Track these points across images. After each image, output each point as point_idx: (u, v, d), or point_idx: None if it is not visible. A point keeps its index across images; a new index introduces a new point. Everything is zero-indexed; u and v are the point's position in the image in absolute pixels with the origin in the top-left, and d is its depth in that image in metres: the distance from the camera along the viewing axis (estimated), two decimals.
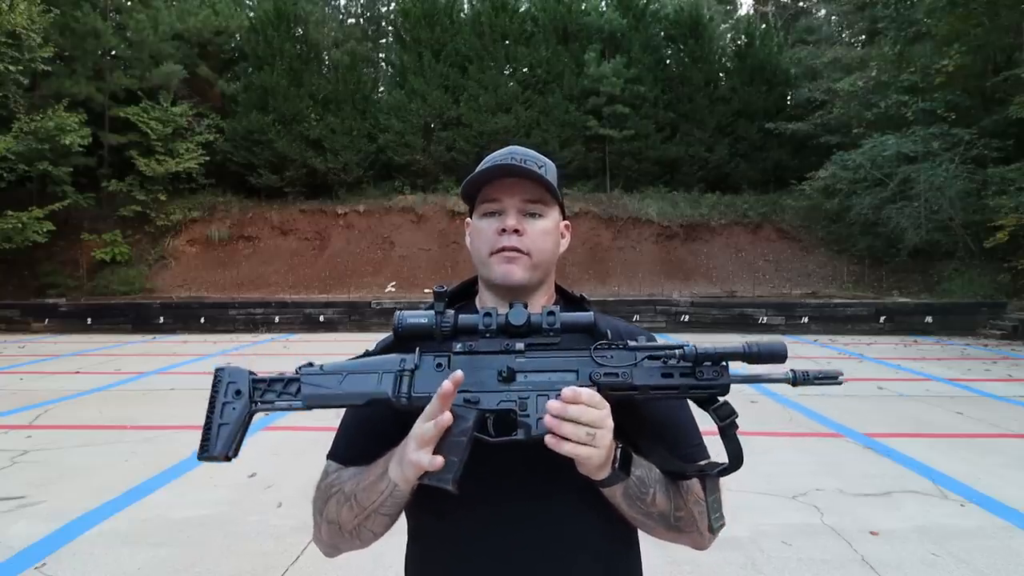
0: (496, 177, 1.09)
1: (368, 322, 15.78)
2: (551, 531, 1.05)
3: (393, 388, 0.96)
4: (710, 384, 0.93)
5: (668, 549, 1.13)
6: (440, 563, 1.10)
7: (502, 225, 1.09)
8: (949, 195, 15.57)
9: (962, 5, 15.74)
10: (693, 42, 22.10)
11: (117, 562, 3.57)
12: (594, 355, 0.95)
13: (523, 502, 1.05)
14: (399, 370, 0.97)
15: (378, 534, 1.07)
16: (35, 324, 15.90)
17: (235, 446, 0.97)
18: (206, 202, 20.63)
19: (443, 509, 1.06)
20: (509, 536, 1.05)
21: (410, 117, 20.96)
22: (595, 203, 20.69)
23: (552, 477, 1.02)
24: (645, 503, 1.01)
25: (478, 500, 1.04)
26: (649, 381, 0.94)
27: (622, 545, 1.14)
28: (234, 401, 0.98)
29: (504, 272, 1.08)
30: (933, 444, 5.80)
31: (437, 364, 0.96)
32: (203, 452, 0.97)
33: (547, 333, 0.96)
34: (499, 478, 1.03)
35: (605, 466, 0.94)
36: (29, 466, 5.23)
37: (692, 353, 0.93)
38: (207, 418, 0.98)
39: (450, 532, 1.08)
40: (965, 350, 12.25)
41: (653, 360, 0.95)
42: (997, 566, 3.49)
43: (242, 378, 0.99)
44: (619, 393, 0.93)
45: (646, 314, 15.43)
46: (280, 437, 5.86)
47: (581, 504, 1.05)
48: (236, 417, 0.97)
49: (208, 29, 21.29)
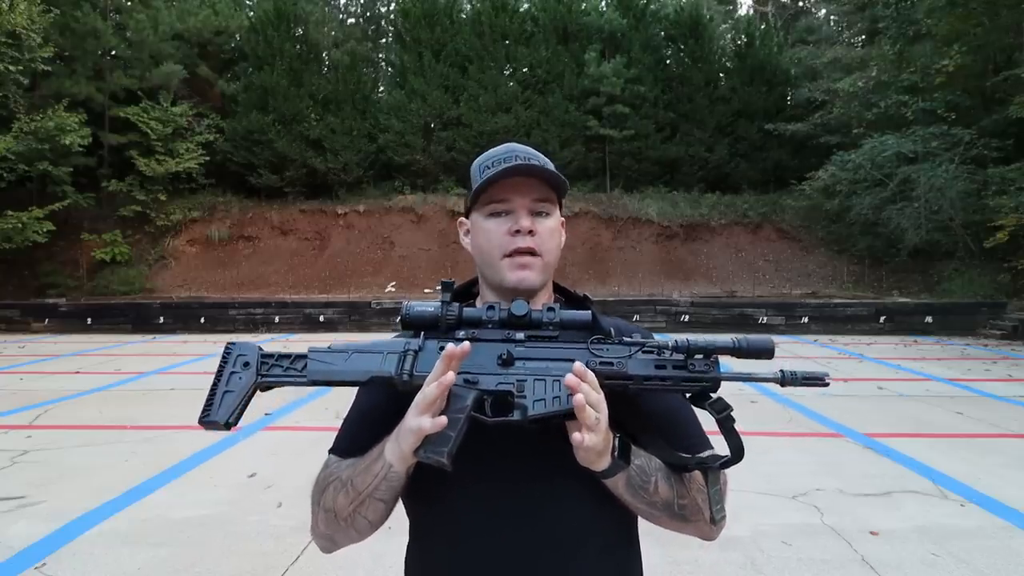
0: (509, 176, 1.07)
1: (368, 322, 15.79)
2: (552, 527, 1.05)
3: (396, 367, 0.97)
4: (701, 376, 0.95)
5: (668, 548, 1.13)
6: (441, 560, 1.09)
7: (515, 226, 1.07)
8: (949, 195, 15.56)
9: (962, 5, 15.73)
10: (693, 42, 22.10)
11: (117, 562, 3.57)
12: (591, 347, 0.97)
13: (523, 498, 1.05)
14: (403, 351, 0.98)
15: (373, 522, 1.06)
16: (35, 324, 15.90)
17: (236, 414, 0.97)
18: (206, 202, 20.62)
19: (443, 505, 1.06)
20: (510, 532, 1.04)
21: (410, 117, 20.96)
22: (595, 203, 20.69)
23: (552, 473, 1.03)
24: (648, 492, 1.02)
25: (478, 496, 1.04)
26: (643, 371, 0.96)
27: (623, 541, 1.14)
28: (241, 372, 1.00)
29: (519, 278, 1.08)
30: (933, 444, 5.80)
31: (440, 347, 0.98)
32: (204, 416, 0.97)
33: (547, 327, 0.99)
34: (499, 474, 1.03)
35: (604, 455, 0.95)
36: (29, 466, 5.23)
37: (684, 345, 0.96)
38: (212, 385, 0.99)
39: (450, 528, 1.08)
40: (965, 350, 12.25)
41: (647, 353, 0.97)
42: (997, 566, 3.49)
43: (251, 351, 1.01)
44: (613, 382, 0.95)
45: (646, 314, 15.43)
46: (280, 437, 5.87)
47: (582, 500, 1.05)
48: (241, 386, 0.98)
49: (208, 29, 21.28)
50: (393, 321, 15.54)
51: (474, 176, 1.12)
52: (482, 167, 1.11)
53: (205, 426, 0.98)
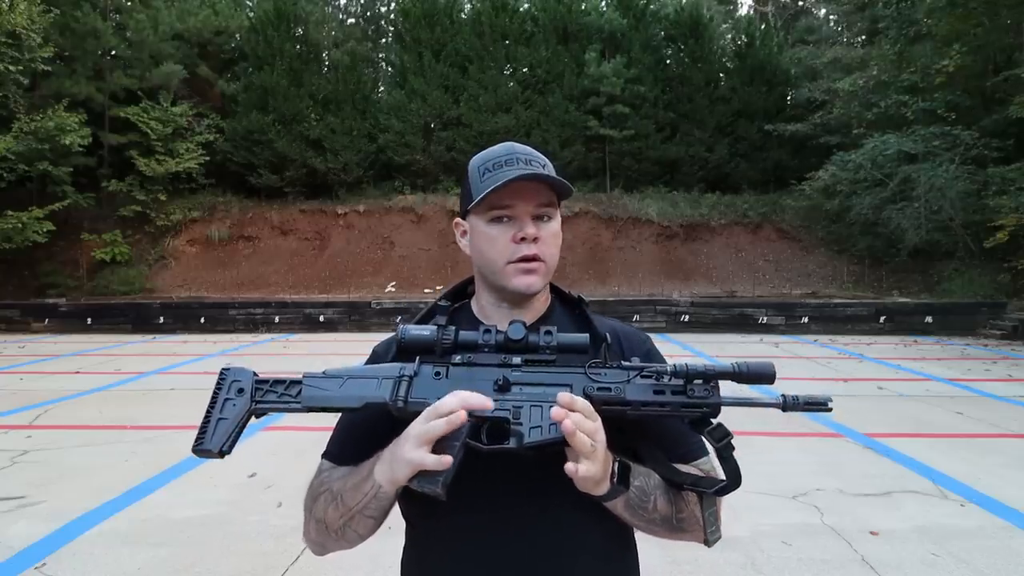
0: (515, 182, 1.05)
1: (368, 322, 15.78)
2: (550, 533, 1.04)
3: (391, 393, 0.97)
4: (701, 402, 0.94)
5: (668, 549, 1.12)
6: (438, 566, 1.09)
7: (520, 233, 1.05)
8: (949, 195, 15.55)
9: (962, 5, 15.72)
10: (693, 42, 22.09)
11: (117, 562, 3.57)
12: (588, 372, 0.97)
13: (521, 504, 1.04)
14: (398, 376, 0.98)
15: (363, 535, 1.06)
16: (35, 324, 15.89)
17: (230, 442, 0.97)
18: (206, 202, 20.61)
19: (441, 512, 1.05)
20: (508, 539, 1.04)
21: (410, 117, 20.96)
22: (595, 203, 20.69)
23: (550, 483, 1.02)
24: (647, 511, 1.01)
25: (476, 503, 1.04)
26: (641, 397, 0.95)
27: (621, 548, 1.14)
28: (236, 398, 1.00)
29: (527, 284, 1.07)
30: (933, 444, 5.80)
31: (435, 372, 0.98)
32: (197, 444, 0.98)
33: (544, 351, 0.98)
34: (497, 480, 1.03)
35: (603, 481, 0.94)
36: (29, 466, 5.23)
37: (683, 371, 0.95)
38: (207, 412, 0.99)
39: (448, 535, 1.07)
40: (965, 350, 12.25)
41: (646, 378, 0.96)
42: (997, 566, 3.49)
43: (246, 378, 1.01)
44: (611, 408, 0.94)
45: (646, 314, 15.43)
46: (280, 437, 5.86)
47: (580, 505, 1.04)
48: (235, 414, 0.99)
49: (208, 29, 21.28)
50: (393, 321, 15.54)
51: (473, 177, 1.10)
52: (482, 169, 1.09)
53: (198, 454, 0.98)
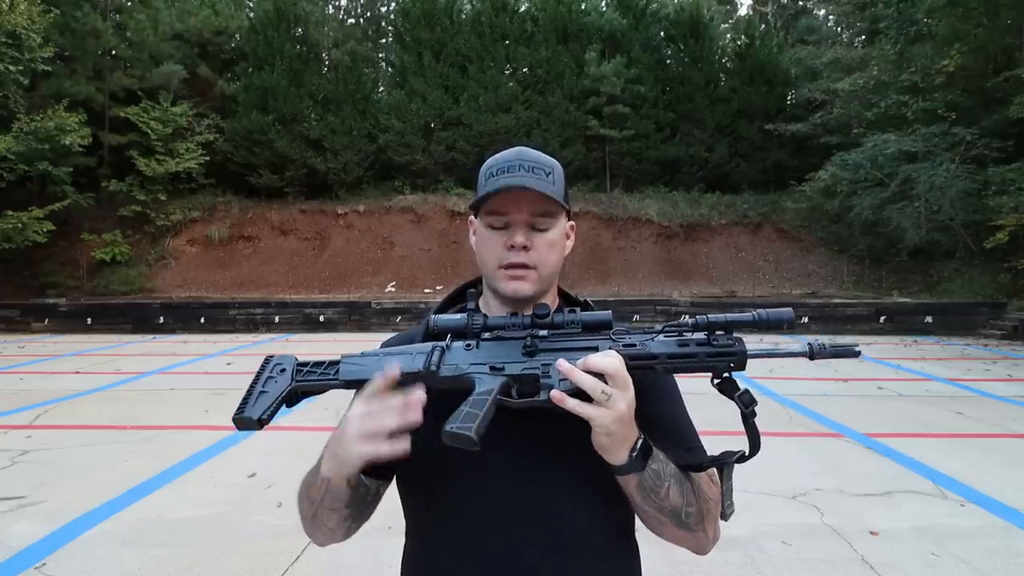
0: (505, 190, 1.07)
1: (368, 322, 15.79)
2: (553, 530, 1.04)
3: (425, 360, 0.99)
4: (727, 351, 0.95)
5: (668, 549, 1.13)
6: (439, 561, 1.09)
7: (510, 241, 1.07)
8: (949, 195, 15.55)
9: (962, 5, 15.72)
10: (693, 42, 22.11)
11: (117, 562, 3.57)
12: (613, 335, 0.99)
13: (524, 500, 1.04)
14: (431, 348, 1.01)
15: (334, 529, 1.06)
16: (35, 324, 15.90)
17: (270, 413, 1.00)
18: (206, 202, 20.63)
19: (442, 505, 1.06)
20: (510, 534, 1.04)
21: (410, 117, 20.97)
22: (595, 203, 20.69)
23: (554, 476, 1.03)
24: (659, 496, 1.01)
25: (478, 497, 1.04)
26: (667, 350, 0.97)
27: (623, 546, 1.14)
28: (277, 377, 1.03)
29: (513, 289, 1.09)
30: (933, 444, 5.80)
31: (466, 345, 1.00)
32: (239, 412, 0.99)
33: (569, 327, 1.01)
34: (499, 476, 1.03)
35: (622, 447, 0.94)
36: (29, 466, 5.23)
37: (704, 322, 0.97)
38: (249, 387, 1.02)
39: (449, 530, 1.07)
40: (965, 350, 12.25)
41: (669, 335, 0.99)
42: (997, 566, 3.49)
43: (288, 361, 1.05)
44: (639, 362, 0.96)
45: (646, 314, 15.43)
46: (280, 437, 5.86)
47: (583, 504, 1.04)
48: (277, 388, 1.02)
49: (208, 29, 21.30)
50: (393, 321, 15.55)
51: (480, 181, 1.12)
52: (487, 172, 1.10)
53: (238, 423, 1.00)
